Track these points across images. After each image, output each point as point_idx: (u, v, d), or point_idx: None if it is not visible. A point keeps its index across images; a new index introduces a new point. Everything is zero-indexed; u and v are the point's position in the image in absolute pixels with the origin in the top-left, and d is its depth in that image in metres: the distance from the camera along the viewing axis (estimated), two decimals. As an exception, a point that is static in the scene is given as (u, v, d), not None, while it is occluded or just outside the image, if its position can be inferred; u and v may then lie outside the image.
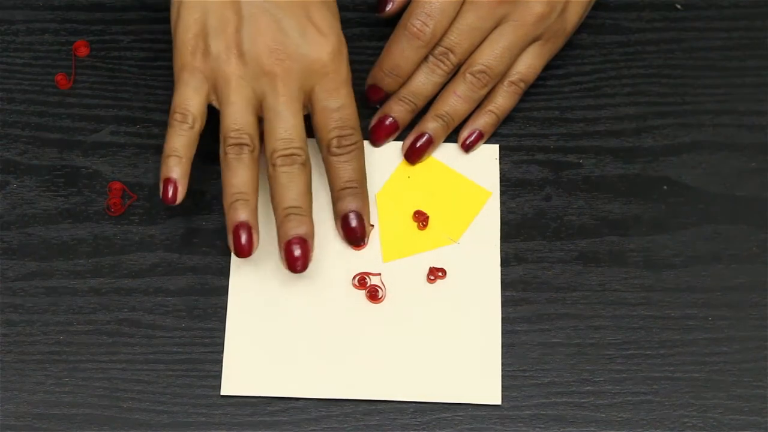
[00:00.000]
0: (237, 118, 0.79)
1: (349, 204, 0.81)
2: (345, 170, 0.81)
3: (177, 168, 0.79)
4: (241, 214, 0.79)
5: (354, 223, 0.82)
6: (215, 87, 0.80)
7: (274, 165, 0.79)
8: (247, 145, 0.79)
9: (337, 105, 0.80)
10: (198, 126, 0.80)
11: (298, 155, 0.79)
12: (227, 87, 0.79)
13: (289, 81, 0.79)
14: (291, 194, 0.79)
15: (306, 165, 0.80)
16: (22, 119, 0.86)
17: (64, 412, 0.79)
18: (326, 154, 0.81)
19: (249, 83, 0.79)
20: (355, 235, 0.82)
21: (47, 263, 0.83)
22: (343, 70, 0.80)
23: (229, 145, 0.79)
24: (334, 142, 0.80)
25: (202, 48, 0.79)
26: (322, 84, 0.80)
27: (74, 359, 0.80)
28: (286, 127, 0.79)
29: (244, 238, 0.79)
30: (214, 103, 0.80)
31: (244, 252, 0.79)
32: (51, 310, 0.82)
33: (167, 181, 0.79)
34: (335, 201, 0.82)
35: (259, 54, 0.78)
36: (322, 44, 0.79)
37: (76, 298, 0.82)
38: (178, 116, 0.79)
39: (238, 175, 0.79)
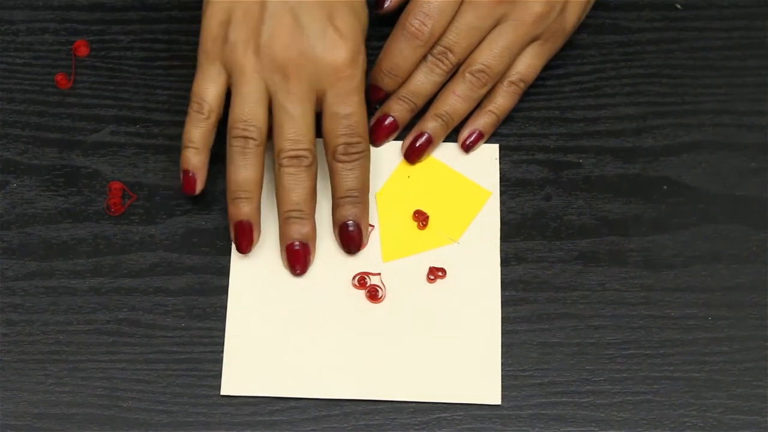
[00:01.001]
0: (246, 110, 0.79)
1: (348, 212, 0.81)
2: (348, 178, 0.81)
3: (194, 158, 0.81)
4: (242, 212, 0.80)
5: (351, 232, 0.82)
6: (231, 76, 0.80)
7: (280, 165, 0.79)
8: (252, 138, 0.79)
9: (347, 111, 0.80)
10: (214, 116, 0.80)
11: (305, 157, 0.79)
12: (240, 77, 0.79)
13: (301, 80, 0.79)
14: (294, 197, 0.80)
15: (311, 167, 0.80)
16: (22, 119, 0.86)
17: (64, 412, 0.79)
18: (331, 159, 0.81)
19: (262, 77, 0.79)
20: (351, 243, 0.82)
21: (47, 263, 0.83)
22: (357, 77, 0.79)
23: (235, 137, 0.79)
24: (341, 149, 0.80)
25: (222, 36, 0.79)
26: (334, 88, 0.79)
27: (74, 359, 0.80)
28: (295, 127, 0.79)
29: (244, 236, 0.81)
30: None
31: (244, 249, 0.81)
32: (51, 309, 0.81)
33: (186, 172, 0.81)
34: (335, 207, 0.82)
35: (274, 50, 0.78)
36: (339, 48, 0.78)
37: (76, 298, 0.82)
38: (194, 106, 0.80)
39: (240, 172, 0.79)
